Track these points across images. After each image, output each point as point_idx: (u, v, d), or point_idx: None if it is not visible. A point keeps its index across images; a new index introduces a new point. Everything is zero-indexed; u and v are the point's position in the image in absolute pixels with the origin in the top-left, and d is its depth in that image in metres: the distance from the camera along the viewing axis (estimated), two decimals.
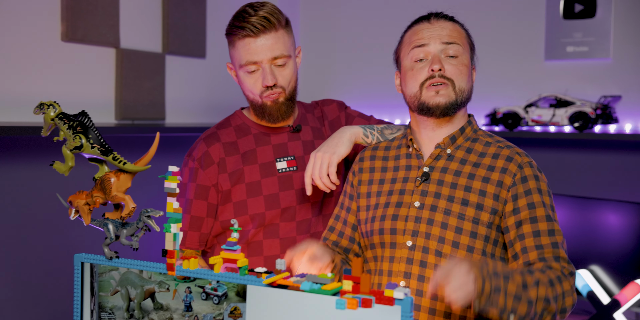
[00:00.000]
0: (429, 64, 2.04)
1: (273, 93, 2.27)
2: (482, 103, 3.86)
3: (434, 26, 2.07)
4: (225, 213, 2.33)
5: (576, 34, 3.76)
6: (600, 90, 3.70)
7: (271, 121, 2.34)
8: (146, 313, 1.67)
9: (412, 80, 2.06)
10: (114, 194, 1.64)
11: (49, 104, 1.66)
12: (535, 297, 1.78)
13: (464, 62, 2.06)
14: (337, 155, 2.20)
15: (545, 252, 1.91)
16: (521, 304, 1.76)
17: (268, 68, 2.26)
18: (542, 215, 1.95)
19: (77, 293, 1.75)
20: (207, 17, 3.96)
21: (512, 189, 1.98)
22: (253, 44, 2.23)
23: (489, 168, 2.02)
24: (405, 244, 2.02)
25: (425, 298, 1.97)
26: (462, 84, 2.04)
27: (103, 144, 1.64)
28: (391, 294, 1.38)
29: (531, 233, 1.93)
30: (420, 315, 1.97)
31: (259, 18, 2.23)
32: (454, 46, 2.04)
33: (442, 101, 2.02)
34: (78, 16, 3.18)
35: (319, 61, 4.58)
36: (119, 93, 3.43)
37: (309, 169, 2.20)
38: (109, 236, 1.67)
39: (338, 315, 1.43)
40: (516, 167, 2.00)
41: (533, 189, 1.98)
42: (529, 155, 2.07)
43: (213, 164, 2.31)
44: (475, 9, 4.03)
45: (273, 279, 1.50)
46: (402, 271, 2.00)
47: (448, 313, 1.96)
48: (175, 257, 1.61)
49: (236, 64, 2.30)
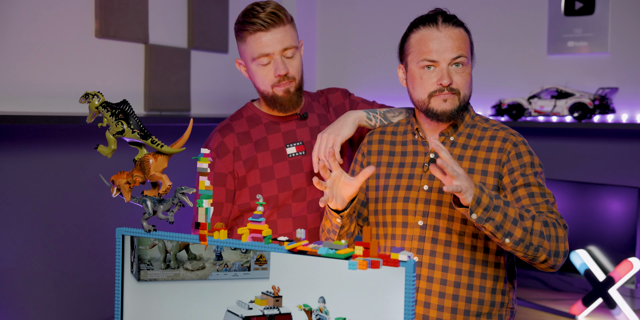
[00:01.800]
0: (437, 76, 2.10)
1: (285, 83, 2.35)
2: (488, 95, 3.93)
3: (442, 34, 2.10)
4: (242, 197, 2.41)
5: (576, 30, 3.80)
6: (598, 83, 3.75)
7: (283, 110, 2.40)
8: (181, 263, 1.74)
9: (421, 88, 2.13)
10: (152, 174, 1.71)
11: (94, 94, 1.70)
12: (531, 228, 1.91)
13: (467, 70, 2.13)
14: (341, 137, 2.27)
15: (540, 207, 2.03)
16: (517, 229, 1.89)
17: (279, 59, 2.33)
18: (534, 181, 2.07)
19: (119, 263, 1.83)
20: (230, 14, 4.00)
21: (507, 164, 2.09)
22: (265, 37, 2.31)
23: (487, 149, 2.13)
24: (417, 223, 2.14)
25: (436, 271, 2.09)
26: (466, 92, 2.13)
27: (142, 129, 1.70)
28: (396, 257, 1.48)
29: (526, 195, 2.05)
30: (433, 285, 2.10)
31: (267, 14, 2.31)
32: (461, 58, 2.10)
33: (449, 108, 2.11)
34: (110, 14, 3.24)
35: (334, 54, 4.60)
36: (147, 86, 3.48)
37: (315, 148, 2.27)
38: (147, 211, 1.73)
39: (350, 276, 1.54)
40: (511, 145, 2.11)
41: (527, 163, 2.09)
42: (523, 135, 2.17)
43: (228, 153, 2.39)
44: (482, 7, 4.08)
45: (294, 246, 1.59)
46: (415, 248, 2.12)
47: (458, 282, 2.09)
48: (207, 229, 1.69)
49: (248, 58, 2.37)
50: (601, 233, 3.53)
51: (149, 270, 1.80)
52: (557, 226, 1.98)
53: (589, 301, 3.35)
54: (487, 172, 2.11)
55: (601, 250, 3.51)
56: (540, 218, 1.96)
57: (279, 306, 1.64)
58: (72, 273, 3.19)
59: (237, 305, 1.69)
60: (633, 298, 3.41)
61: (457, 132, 2.20)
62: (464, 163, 2.14)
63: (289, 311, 1.62)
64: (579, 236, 3.57)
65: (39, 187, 3.05)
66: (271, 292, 1.65)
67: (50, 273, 3.11)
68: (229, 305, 1.70)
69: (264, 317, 1.65)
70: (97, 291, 3.28)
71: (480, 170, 2.12)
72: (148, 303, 1.81)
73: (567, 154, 3.89)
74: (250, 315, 1.66)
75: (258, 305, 1.65)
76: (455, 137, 2.20)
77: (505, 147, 2.12)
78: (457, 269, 2.10)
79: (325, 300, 1.58)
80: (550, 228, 1.95)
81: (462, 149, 2.17)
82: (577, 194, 3.64)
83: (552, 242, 1.95)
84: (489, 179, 2.11)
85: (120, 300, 1.85)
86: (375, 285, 1.54)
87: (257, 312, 1.65)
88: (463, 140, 2.19)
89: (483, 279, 2.11)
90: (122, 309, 1.84)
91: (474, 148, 2.16)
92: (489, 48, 4.01)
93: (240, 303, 1.68)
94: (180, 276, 1.76)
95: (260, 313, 1.65)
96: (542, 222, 1.95)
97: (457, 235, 2.10)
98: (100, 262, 3.26)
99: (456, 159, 2.14)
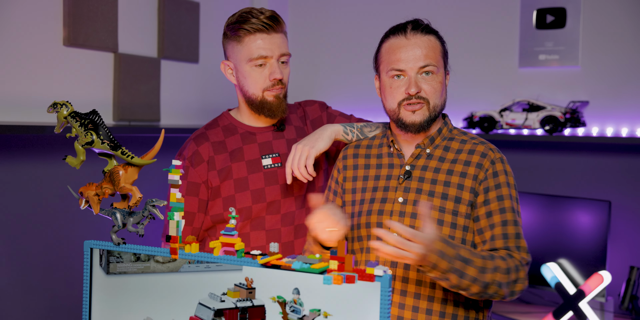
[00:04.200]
0: (405, 84, 2.10)
1: (277, 88, 2.35)
2: (460, 107, 3.94)
3: (410, 42, 2.10)
4: (215, 208, 2.38)
5: (548, 43, 3.82)
6: (569, 96, 3.77)
7: (271, 116, 2.38)
8: (152, 255, 1.74)
9: (390, 97, 2.14)
10: (122, 185, 1.70)
11: (62, 104, 1.69)
12: (491, 280, 1.93)
13: (438, 78, 2.12)
14: (316, 149, 2.26)
15: (509, 241, 2.04)
16: (474, 285, 1.91)
17: (276, 64, 2.33)
18: (509, 206, 2.07)
19: (87, 277, 1.82)
20: (201, 24, 3.99)
21: (483, 182, 2.09)
22: (265, 39, 2.31)
23: (465, 163, 2.13)
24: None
25: (410, 284, 2.08)
26: (436, 101, 2.12)
27: (112, 139, 1.69)
28: (372, 272, 1.50)
29: (500, 222, 2.05)
30: (406, 299, 2.09)
31: (269, 17, 2.31)
32: (429, 67, 2.09)
33: (418, 119, 2.11)
34: (79, 23, 3.21)
35: (306, 64, 4.59)
36: (116, 95, 3.45)
37: (289, 160, 2.26)
38: (117, 224, 1.72)
39: (325, 291, 1.54)
40: (489, 163, 2.11)
41: (503, 183, 2.09)
42: (501, 151, 2.17)
43: (203, 162, 2.36)
44: (454, 19, 4.09)
45: (267, 260, 1.59)
46: (389, 261, 2.10)
47: (432, 296, 2.08)
48: (178, 242, 1.69)
49: (242, 59, 2.34)
50: (572, 246, 3.55)
51: (118, 262, 1.79)
52: (519, 269, 2.00)
53: (560, 314, 3.36)
54: (463, 186, 2.11)
55: (572, 263, 3.53)
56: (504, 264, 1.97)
57: (252, 298, 1.63)
58: (39, 286, 3.15)
59: (209, 297, 1.68)
60: (603, 311, 3.43)
61: (434, 144, 2.19)
62: (440, 176, 2.13)
63: (263, 303, 1.62)
64: (550, 249, 3.59)
65: (5, 198, 3.01)
66: (244, 284, 1.64)
67: (16, 286, 3.06)
68: (201, 298, 1.69)
69: (236, 310, 1.64)
70: (65, 304, 3.23)
71: (456, 183, 2.11)
72: (117, 297, 1.79)
73: (538, 167, 3.90)
74: (223, 308, 1.65)
75: (231, 297, 1.65)
76: (432, 149, 2.19)
77: (483, 164, 2.12)
78: (430, 283, 2.09)
79: (299, 291, 1.58)
80: (511, 274, 1.97)
81: (439, 162, 2.16)
82: (548, 207, 3.66)
83: (510, 286, 1.99)
84: (464, 194, 2.10)
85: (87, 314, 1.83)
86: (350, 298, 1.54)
87: (230, 304, 1.65)
88: (440, 153, 2.18)
89: (456, 294, 2.10)
90: (91, 301, 1.82)
91: (451, 161, 2.16)
92: (461, 61, 4.03)
93: (212, 295, 1.68)
94: (151, 269, 1.75)
95: (233, 305, 1.65)
96: (505, 270, 1.97)
97: None
98: (68, 275, 3.22)
99: (432, 172, 2.14)
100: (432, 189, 2.11)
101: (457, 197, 2.09)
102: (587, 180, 3.77)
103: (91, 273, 1.82)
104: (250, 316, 1.63)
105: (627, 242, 3.62)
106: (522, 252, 2.05)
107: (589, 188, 3.74)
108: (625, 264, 3.59)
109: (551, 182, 3.85)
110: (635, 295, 3.31)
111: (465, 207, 2.09)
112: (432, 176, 2.13)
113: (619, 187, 3.67)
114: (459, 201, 2.09)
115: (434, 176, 2.13)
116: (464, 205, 2.09)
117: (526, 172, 3.88)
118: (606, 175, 3.72)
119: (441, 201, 2.09)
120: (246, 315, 1.63)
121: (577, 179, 3.80)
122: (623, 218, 3.63)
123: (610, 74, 3.71)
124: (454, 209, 2.08)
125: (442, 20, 4.04)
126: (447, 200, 2.09)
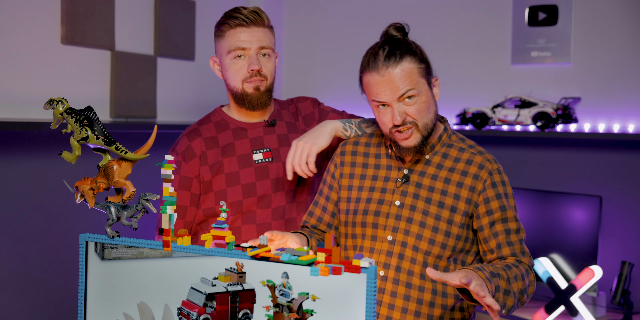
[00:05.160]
0: (390, 114, 2.08)
1: (256, 79, 2.37)
2: (453, 104, 3.96)
3: (384, 79, 2.06)
4: (207, 202, 2.40)
5: (540, 40, 3.84)
6: (561, 92, 3.79)
7: (251, 108, 2.40)
8: None
9: (381, 124, 2.14)
10: (116, 180, 1.71)
11: (58, 100, 1.70)
12: (517, 289, 1.99)
13: (422, 99, 2.09)
14: (317, 146, 2.29)
15: (515, 248, 2.10)
16: (509, 298, 1.96)
17: (255, 55, 2.36)
18: (511, 216, 2.12)
19: (82, 269, 1.84)
20: (196, 22, 4.02)
21: (482, 193, 2.11)
22: (245, 33, 2.35)
23: (462, 173, 2.14)
24: (386, 238, 2.14)
25: (400, 286, 2.11)
26: (425, 120, 2.10)
27: (107, 135, 1.70)
28: (358, 263, 1.50)
29: (503, 231, 2.10)
30: (396, 300, 2.11)
31: (250, 12, 2.36)
32: (409, 92, 2.06)
33: (412, 144, 2.10)
34: (77, 21, 3.23)
35: (300, 63, 4.61)
36: (113, 92, 3.48)
37: (289, 156, 2.28)
38: (111, 217, 1.73)
39: (313, 283, 1.56)
40: (487, 174, 2.12)
41: (502, 194, 2.12)
42: (497, 160, 2.19)
43: (195, 157, 2.39)
44: (447, 17, 4.10)
45: (256, 252, 1.61)
46: (382, 262, 2.13)
47: (420, 299, 2.11)
48: (170, 235, 1.70)
49: (223, 52, 2.39)
50: (563, 241, 3.57)
51: (112, 248, 1.81)
52: (529, 273, 2.10)
53: (551, 309, 3.38)
54: (459, 196, 2.12)
55: (563, 258, 3.55)
56: (518, 271, 2.05)
57: (242, 282, 1.65)
58: (35, 279, 3.18)
59: (201, 282, 1.70)
60: (595, 306, 3.45)
61: (433, 151, 2.20)
62: (437, 183, 2.15)
63: (253, 287, 1.64)
64: (542, 244, 3.62)
65: (2, 193, 3.03)
66: (235, 269, 1.66)
67: (14, 279, 3.09)
68: (193, 282, 1.71)
69: (227, 294, 1.66)
70: (60, 297, 3.26)
71: (453, 193, 2.13)
72: (112, 283, 1.81)
73: (530, 162, 3.92)
74: (214, 292, 1.67)
75: (222, 281, 1.67)
76: (431, 155, 2.19)
77: (481, 175, 2.14)
78: (419, 286, 2.12)
79: (288, 275, 1.60)
80: (525, 280, 2.06)
81: (437, 169, 2.17)
82: (539, 202, 3.68)
83: (527, 293, 2.08)
84: (460, 204, 2.12)
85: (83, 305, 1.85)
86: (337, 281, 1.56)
87: (221, 288, 1.67)
88: (438, 160, 2.19)
89: (444, 297, 2.14)
90: (86, 292, 1.84)
91: (449, 169, 2.16)
92: (454, 57, 4.06)
93: (204, 280, 1.70)
94: (144, 254, 1.78)
95: (224, 289, 1.67)
96: (521, 276, 2.05)
97: (423, 255, 2.11)
98: (64, 268, 3.24)
99: (430, 178, 2.16)
100: (429, 196, 2.13)
101: (453, 206, 2.11)
102: (578, 176, 3.78)
103: (86, 265, 1.84)
104: (240, 300, 1.65)
105: (618, 237, 3.65)
106: (527, 257, 2.12)
107: (581, 183, 3.75)
108: (616, 259, 3.62)
109: (543, 178, 3.87)
110: (627, 290, 3.33)
111: (460, 217, 2.11)
112: (430, 183, 2.15)
113: (611, 183, 3.69)
114: (454, 210, 2.11)
115: (432, 183, 2.14)
116: (458, 215, 2.11)
117: (518, 167, 3.89)
118: (597, 171, 3.73)
119: (437, 209, 2.11)
120: (237, 299, 1.65)
121: (568, 175, 3.81)
122: (614, 213, 3.65)
123: (602, 70, 3.73)
124: (449, 218, 2.11)
125: (434, 17, 4.11)
126: (442, 209, 2.11)
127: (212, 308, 1.68)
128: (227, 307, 1.67)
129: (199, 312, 1.69)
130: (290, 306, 1.60)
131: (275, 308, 1.62)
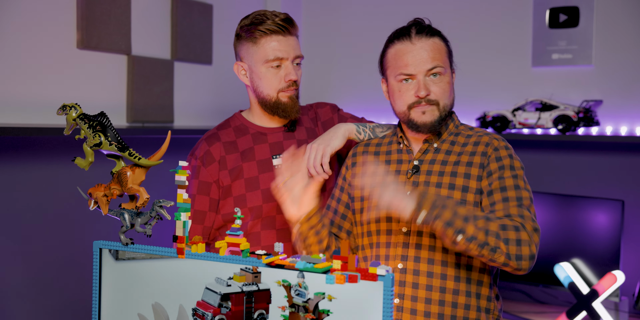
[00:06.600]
0: (414, 88, 2.13)
1: (292, 89, 2.39)
2: (473, 107, 3.93)
3: (416, 47, 2.13)
4: (226, 207, 2.41)
5: (561, 42, 3.80)
6: (582, 95, 3.75)
7: (285, 116, 2.42)
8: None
9: (400, 100, 2.17)
10: (130, 186, 1.72)
11: (71, 106, 1.71)
12: (485, 227, 1.93)
13: (446, 79, 2.15)
14: (331, 148, 2.30)
15: (511, 210, 2.04)
16: (469, 226, 1.91)
17: (291, 65, 2.37)
18: (510, 184, 2.08)
19: (96, 277, 1.84)
20: (214, 26, 4.00)
21: (486, 167, 2.12)
22: (281, 42, 2.35)
23: (471, 153, 2.16)
24: (401, 230, 2.16)
25: (421, 276, 2.10)
26: (446, 102, 2.16)
27: (120, 141, 1.71)
28: (374, 271, 1.50)
29: (500, 199, 2.07)
30: (419, 292, 2.11)
31: (285, 20, 2.35)
32: (437, 68, 2.12)
33: (429, 120, 2.14)
34: (92, 25, 3.23)
35: (318, 66, 4.60)
36: (130, 97, 3.47)
37: (304, 159, 2.27)
38: (125, 224, 1.74)
39: (329, 291, 1.55)
40: (492, 150, 2.14)
41: (506, 166, 2.11)
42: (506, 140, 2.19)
43: (214, 162, 2.40)
44: (466, 19, 4.09)
45: (271, 259, 1.61)
46: (400, 255, 2.14)
47: (444, 287, 2.10)
48: (184, 242, 1.71)
49: (257, 60, 2.37)
50: (585, 246, 3.53)
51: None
52: (519, 229, 1.97)
53: (573, 314, 3.35)
54: (470, 175, 2.13)
55: (585, 263, 3.51)
56: (499, 221, 1.97)
57: (257, 282, 1.65)
58: (51, 286, 3.17)
59: (216, 282, 1.70)
60: (617, 311, 3.41)
61: (441, 139, 2.23)
62: (447, 167, 2.16)
63: (268, 287, 1.64)
64: (563, 249, 3.58)
65: (17, 199, 3.03)
66: (250, 269, 1.66)
67: (29, 286, 3.09)
68: (208, 283, 1.71)
69: (242, 294, 1.66)
70: (76, 304, 3.25)
71: (463, 173, 2.14)
72: (126, 283, 1.82)
73: (551, 166, 3.88)
74: (229, 292, 1.67)
75: (237, 281, 1.67)
76: (439, 143, 2.22)
77: (486, 151, 2.15)
78: (442, 274, 2.11)
79: (304, 275, 1.59)
80: (509, 231, 1.95)
81: (446, 155, 2.19)
82: (561, 206, 3.64)
83: (511, 246, 1.94)
84: (471, 182, 2.12)
85: (97, 312, 1.85)
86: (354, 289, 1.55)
87: (236, 288, 1.67)
88: (447, 147, 2.21)
89: (468, 283, 2.12)
90: (100, 298, 1.84)
91: (458, 153, 2.19)
92: (474, 60, 4.02)
93: (218, 280, 1.70)
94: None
95: (239, 290, 1.66)
96: (500, 225, 1.96)
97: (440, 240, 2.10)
98: (79, 275, 3.23)
99: (439, 164, 2.17)
100: (439, 181, 2.14)
101: (465, 186, 2.12)
102: (600, 180, 3.75)
103: (100, 272, 1.84)
104: (256, 300, 1.65)
105: None
106: (526, 219, 2.02)
107: (603, 187, 3.71)
108: (639, 264, 3.57)
109: (564, 182, 3.84)
110: None
111: (473, 196, 2.11)
112: (440, 168, 2.16)
113: (633, 187, 3.65)
114: (466, 190, 2.12)
115: (441, 168, 2.16)
116: (471, 193, 2.12)
117: (539, 171, 3.86)
118: (620, 175, 3.70)
119: (448, 191, 2.12)
120: (252, 299, 1.65)
121: (590, 179, 3.78)
122: (637, 217, 3.61)
123: (624, 72, 3.69)
124: (462, 198, 2.11)
125: (454, 20, 4.08)
126: (454, 190, 2.12)
127: (227, 308, 1.68)
128: (243, 308, 1.67)
129: (214, 313, 1.69)
130: (306, 306, 1.60)
131: (291, 308, 1.62)
